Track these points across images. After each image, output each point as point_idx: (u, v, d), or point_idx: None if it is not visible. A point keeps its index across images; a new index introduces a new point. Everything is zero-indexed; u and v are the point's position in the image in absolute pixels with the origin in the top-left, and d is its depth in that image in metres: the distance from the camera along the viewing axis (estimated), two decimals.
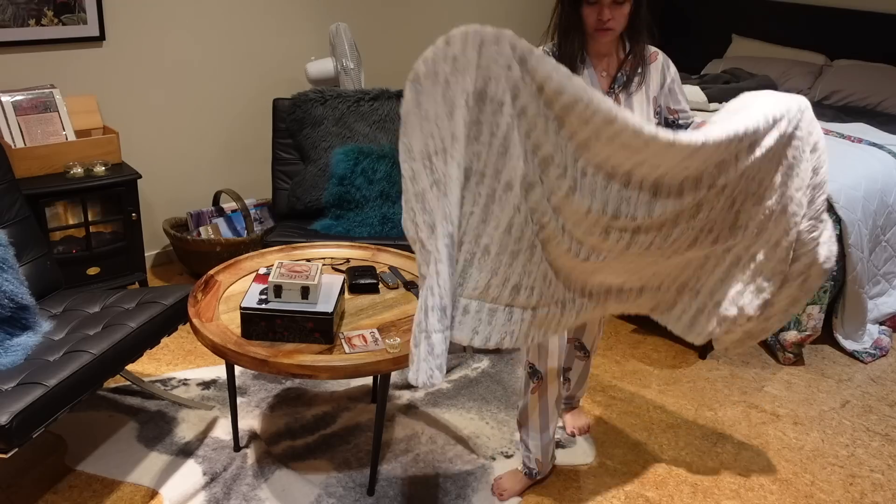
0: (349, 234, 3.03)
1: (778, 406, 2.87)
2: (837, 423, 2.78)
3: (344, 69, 3.59)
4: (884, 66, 4.58)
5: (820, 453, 2.62)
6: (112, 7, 3.28)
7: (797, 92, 4.69)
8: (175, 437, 2.51)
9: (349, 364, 1.97)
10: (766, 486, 2.45)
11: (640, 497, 2.37)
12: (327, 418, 2.65)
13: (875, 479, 2.51)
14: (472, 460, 2.48)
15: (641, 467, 2.50)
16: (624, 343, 3.24)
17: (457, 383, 2.88)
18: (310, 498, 2.28)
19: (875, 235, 3.31)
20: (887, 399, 2.95)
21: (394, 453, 2.49)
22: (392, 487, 2.34)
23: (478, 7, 4.67)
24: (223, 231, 3.66)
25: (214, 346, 2.02)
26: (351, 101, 3.35)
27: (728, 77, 4.57)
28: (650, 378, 2.99)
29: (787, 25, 5.09)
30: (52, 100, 3.07)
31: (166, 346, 3.01)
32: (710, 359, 3.16)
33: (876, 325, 3.39)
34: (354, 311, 2.24)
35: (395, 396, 2.79)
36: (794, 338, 3.12)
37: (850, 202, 3.12)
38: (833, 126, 3.85)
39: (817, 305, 3.10)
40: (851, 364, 3.18)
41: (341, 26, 3.62)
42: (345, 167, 3.13)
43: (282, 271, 2.12)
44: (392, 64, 4.41)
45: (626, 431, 2.67)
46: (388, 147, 3.19)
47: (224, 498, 2.26)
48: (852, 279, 3.18)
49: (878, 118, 4.23)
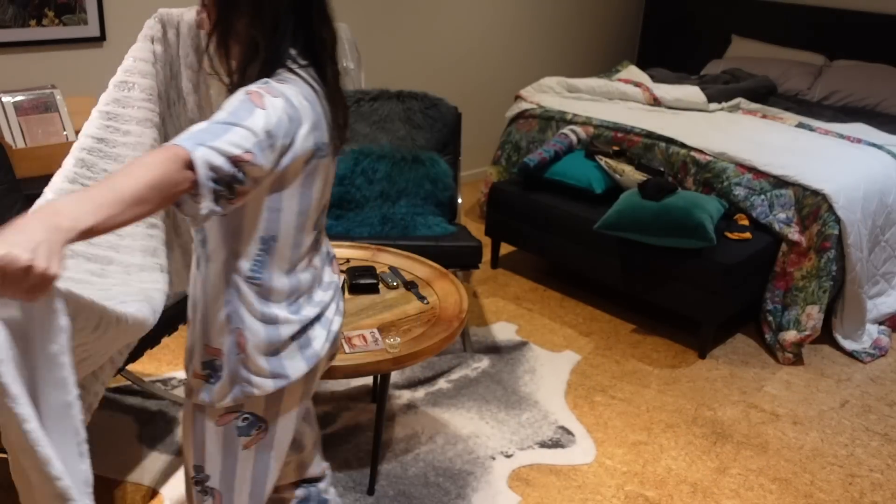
0: (349, 234, 3.03)
1: (777, 406, 2.87)
2: (837, 423, 2.79)
3: (344, 69, 3.60)
4: (883, 66, 4.58)
5: (819, 453, 2.62)
6: (112, 7, 3.28)
7: (797, 92, 4.72)
8: (175, 436, 2.51)
9: (349, 364, 1.97)
10: (766, 486, 2.45)
11: (640, 497, 2.37)
12: (327, 418, 2.65)
13: (874, 478, 2.51)
14: (472, 460, 2.48)
15: (641, 467, 2.50)
16: (624, 343, 3.24)
17: (457, 383, 2.89)
18: None
19: (874, 235, 3.31)
20: (886, 399, 2.95)
21: (394, 453, 2.49)
22: (392, 487, 2.34)
23: (478, 7, 4.67)
24: None
25: None
26: (351, 101, 3.35)
27: (728, 77, 4.57)
28: (650, 378, 3.00)
29: (787, 25, 5.10)
30: (53, 100, 3.07)
31: (167, 346, 3.02)
32: (710, 358, 3.16)
33: (875, 325, 3.39)
34: (354, 311, 2.24)
35: (395, 396, 2.79)
36: (793, 338, 3.12)
37: (849, 202, 3.13)
38: (832, 126, 3.85)
39: (817, 305, 3.11)
40: (851, 364, 3.18)
41: (341, 26, 3.63)
42: (345, 167, 3.13)
43: None
44: (392, 64, 4.41)
45: (626, 431, 2.67)
46: (388, 147, 3.20)
47: None
48: (852, 279, 3.18)
49: (877, 118, 4.23)
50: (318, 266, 1.45)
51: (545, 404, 2.79)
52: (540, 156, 3.60)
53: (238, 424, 1.42)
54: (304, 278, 1.40)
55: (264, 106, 1.17)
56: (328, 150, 1.32)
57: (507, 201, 3.67)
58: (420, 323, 2.20)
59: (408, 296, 2.35)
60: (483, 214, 4.45)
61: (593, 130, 3.81)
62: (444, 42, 4.62)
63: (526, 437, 2.60)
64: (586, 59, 5.62)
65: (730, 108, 4.15)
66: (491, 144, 5.17)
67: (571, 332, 3.31)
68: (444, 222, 3.14)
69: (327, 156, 1.33)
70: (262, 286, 1.34)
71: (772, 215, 3.23)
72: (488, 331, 3.27)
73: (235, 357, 1.36)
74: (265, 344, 1.36)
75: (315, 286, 1.44)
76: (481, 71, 4.90)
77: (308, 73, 1.28)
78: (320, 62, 1.31)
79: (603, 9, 5.55)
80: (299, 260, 1.38)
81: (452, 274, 2.48)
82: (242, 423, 1.42)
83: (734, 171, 3.33)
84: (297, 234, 1.35)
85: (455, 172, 3.37)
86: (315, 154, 1.28)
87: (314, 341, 1.42)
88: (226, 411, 1.41)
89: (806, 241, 3.16)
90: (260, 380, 1.37)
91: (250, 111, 1.15)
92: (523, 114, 4.16)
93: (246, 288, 1.33)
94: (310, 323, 1.41)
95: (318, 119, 1.27)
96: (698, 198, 3.10)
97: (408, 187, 3.13)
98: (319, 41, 1.30)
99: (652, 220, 3.05)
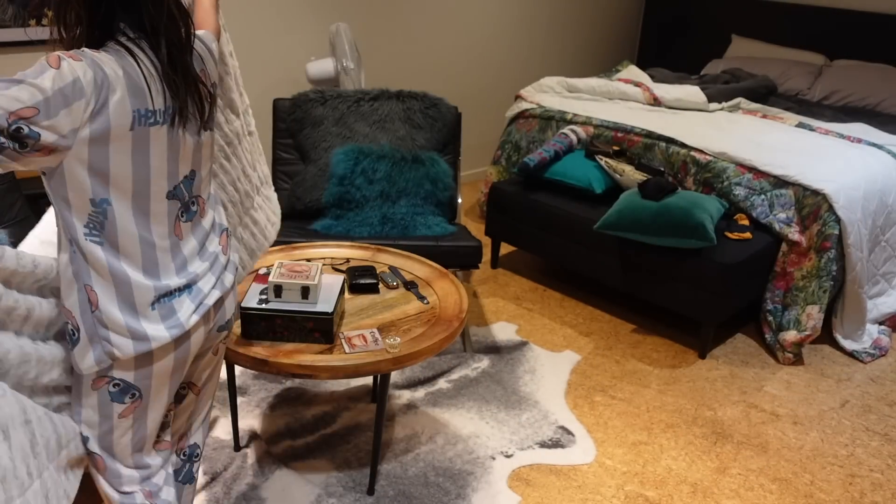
0: (349, 234, 3.03)
1: (777, 406, 2.87)
2: (837, 423, 2.79)
3: (344, 69, 3.59)
4: (884, 66, 4.59)
5: (819, 453, 2.62)
6: None
7: (797, 92, 4.72)
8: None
9: (349, 364, 1.97)
10: (766, 486, 2.45)
11: (640, 497, 2.37)
12: (327, 418, 2.65)
13: (874, 478, 2.51)
14: (472, 460, 2.48)
15: (641, 467, 2.50)
16: (624, 343, 3.24)
17: (457, 383, 2.88)
18: (310, 498, 2.28)
19: (874, 235, 3.31)
20: (887, 399, 2.95)
21: (394, 453, 2.49)
22: (392, 487, 2.34)
23: (478, 7, 4.67)
24: None
25: None
26: (351, 101, 3.35)
27: (728, 77, 4.57)
28: (650, 378, 3.00)
29: (787, 25, 5.10)
30: None
31: None
32: (710, 358, 3.16)
33: (875, 325, 3.39)
34: (354, 311, 2.24)
35: (395, 396, 2.79)
36: (793, 337, 3.12)
37: (849, 202, 3.13)
38: (833, 126, 3.85)
39: (817, 305, 3.11)
40: (851, 364, 3.18)
41: (341, 26, 3.62)
42: (345, 167, 3.13)
43: (282, 271, 2.12)
44: (392, 64, 4.41)
45: (626, 431, 2.67)
46: (388, 147, 3.20)
47: (224, 498, 2.26)
48: (852, 279, 3.18)
49: (877, 118, 4.23)
50: (188, 236, 1.49)
51: (545, 404, 2.79)
52: (540, 155, 3.60)
53: (110, 390, 1.46)
54: (162, 244, 1.43)
55: (59, 67, 1.24)
56: (162, 118, 1.37)
57: (507, 201, 3.67)
58: (420, 323, 2.20)
59: (408, 296, 2.35)
60: (483, 214, 4.45)
61: (593, 130, 3.81)
62: (444, 42, 4.62)
63: (526, 437, 2.60)
64: (586, 59, 5.62)
65: (730, 107, 4.15)
66: (491, 144, 5.17)
67: (571, 332, 3.30)
68: (444, 222, 3.14)
69: (161, 124, 1.38)
70: (105, 246, 1.37)
71: (772, 215, 3.23)
72: (488, 331, 3.27)
73: (90, 316, 1.40)
74: (118, 300, 1.39)
75: (184, 256, 1.48)
76: (481, 71, 4.90)
77: (137, 46, 1.35)
78: (152, 36, 1.37)
79: (603, 9, 5.55)
80: (155, 226, 1.42)
81: (452, 274, 2.48)
82: (114, 388, 1.46)
83: (734, 170, 3.33)
84: (139, 199, 1.38)
85: (455, 172, 3.37)
86: (139, 120, 1.34)
87: (179, 312, 1.45)
88: (97, 376, 1.45)
89: (806, 240, 3.16)
90: (119, 339, 1.40)
91: (42, 71, 1.23)
92: (523, 113, 4.16)
93: (89, 247, 1.36)
94: (172, 291, 1.45)
95: (137, 87, 1.33)
96: (698, 198, 3.10)
97: (408, 187, 3.13)
98: (148, 16, 1.35)
99: (652, 220, 3.05)
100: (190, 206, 1.49)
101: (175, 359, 1.49)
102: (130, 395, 1.48)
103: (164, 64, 1.37)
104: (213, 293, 1.53)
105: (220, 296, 1.55)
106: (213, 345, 1.64)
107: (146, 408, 1.51)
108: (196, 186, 1.50)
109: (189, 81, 1.42)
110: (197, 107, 1.44)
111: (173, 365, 1.49)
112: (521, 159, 4.06)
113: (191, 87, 1.42)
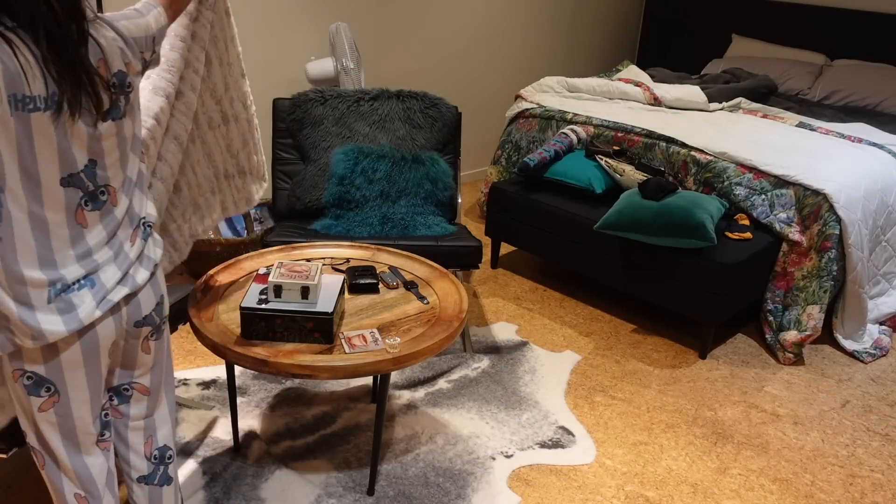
0: (349, 233, 3.03)
1: (778, 406, 2.87)
2: (837, 423, 2.78)
3: (344, 69, 3.59)
4: (884, 66, 4.58)
5: (820, 453, 2.62)
6: (113, 8, 3.27)
7: (798, 91, 4.72)
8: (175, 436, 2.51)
9: (349, 364, 1.97)
10: (766, 486, 2.45)
11: (640, 497, 2.37)
12: (327, 418, 2.65)
13: (875, 478, 2.51)
14: (472, 460, 2.48)
15: (641, 467, 2.50)
16: (624, 343, 3.24)
17: (457, 383, 2.88)
18: (310, 498, 2.28)
19: (875, 235, 3.31)
20: (887, 399, 2.95)
21: (394, 453, 2.49)
22: (392, 487, 2.34)
23: (478, 6, 4.67)
24: (223, 231, 3.66)
25: (214, 346, 2.02)
26: (351, 101, 3.35)
27: (728, 77, 4.57)
28: (650, 378, 2.99)
29: (787, 25, 5.10)
30: None
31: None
32: (711, 359, 3.16)
33: (876, 325, 3.39)
34: (354, 311, 2.24)
35: (395, 396, 2.79)
36: (794, 337, 3.12)
37: (850, 202, 3.13)
38: (833, 126, 3.85)
39: (817, 305, 3.10)
40: (851, 364, 3.18)
41: (341, 26, 3.62)
42: (345, 167, 3.13)
43: (282, 271, 2.12)
44: (392, 64, 4.41)
45: (626, 431, 2.67)
46: (388, 147, 3.19)
47: (224, 498, 2.26)
48: (852, 279, 3.18)
49: (878, 118, 4.23)
50: (95, 225, 1.47)
51: (545, 404, 2.78)
52: (540, 155, 3.60)
53: (24, 383, 1.46)
54: (59, 232, 1.41)
55: None
56: (44, 104, 1.35)
57: (507, 201, 3.67)
58: (420, 323, 2.20)
59: (408, 296, 2.35)
60: (483, 214, 4.45)
61: (593, 130, 3.81)
62: (445, 42, 4.61)
63: (526, 438, 2.60)
64: (586, 59, 5.62)
65: (730, 107, 4.14)
66: (491, 144, 5.17)
67: (571, 332, 3.30)
68: (444, 222, 3.13)
69: (44, 110, 1.35)
70: None
71: (772, 215, 3.23)
72: (488, 331, 3.26)
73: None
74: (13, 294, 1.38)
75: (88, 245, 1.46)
76: (481, 71, 4.89)
77: (15, 34, 1.33)
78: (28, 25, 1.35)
79: (603, 9, 5.55)
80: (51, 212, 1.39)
81: (452, 274, 2.47)
82: (28, 381, 1.46)
83: (735, 170, 3.33)
84: (30, 186, 1.36)
85: (455, 172, 3.37)
86: (16, 105, 1.31)
87: (79, 307, 1.44)
88: (13, 368, 1.45)
89: (807, 240, 3.16)
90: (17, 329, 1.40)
91: None
92: (523, 113, 4.16)
93: None
94: (71, 285, 1.43)
95: (11, 73, 1.30)
96: (699, 197, 3.10)
97: (408, 187, 3.13)
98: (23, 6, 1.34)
99: (652, 219, 3.04)
100: (98, 196, 1.47)
101: (82, 350, 1.47)
102: (46, 388, 1.47)
103: (43, 51, 1.35)
104: (120, 289, 1.50)
105: (129, 292, 1.52)
106: (137, 341, 1.61)
107: (67, 403, 1.51)
108: (102, 176, 1.47)
109: (78, 71, 1.39)
110: (91, 98, 1.41)
111: (82, 356, 1.48)
112: (522, 159, 4.05)
113: (80, 78, 1.40)
